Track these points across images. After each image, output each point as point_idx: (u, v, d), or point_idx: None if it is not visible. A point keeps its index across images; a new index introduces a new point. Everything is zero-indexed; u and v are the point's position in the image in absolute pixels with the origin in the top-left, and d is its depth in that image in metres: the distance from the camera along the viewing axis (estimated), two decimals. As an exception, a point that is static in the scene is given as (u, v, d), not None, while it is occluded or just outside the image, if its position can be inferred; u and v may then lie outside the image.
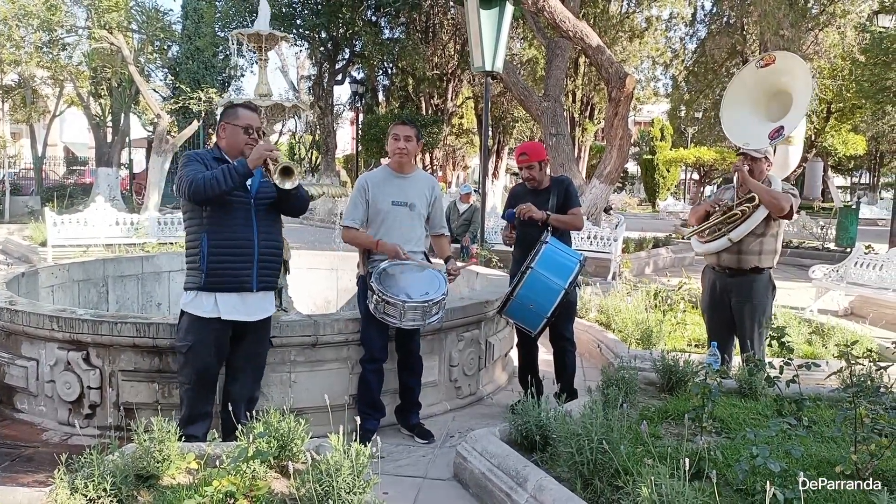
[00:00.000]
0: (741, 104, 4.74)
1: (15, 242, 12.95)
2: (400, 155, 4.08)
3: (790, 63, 4.64)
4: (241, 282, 3.45)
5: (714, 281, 4.54)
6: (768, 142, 4.42)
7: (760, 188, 4.24)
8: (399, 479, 3.53)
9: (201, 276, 3.43)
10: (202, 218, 3.46)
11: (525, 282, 3.99)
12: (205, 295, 3.44)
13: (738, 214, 4.28)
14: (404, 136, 4.06)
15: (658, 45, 22.78)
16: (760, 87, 4.68)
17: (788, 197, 4.22)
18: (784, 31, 14.75)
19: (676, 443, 3.21)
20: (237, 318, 3.47)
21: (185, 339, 3.50)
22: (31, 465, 3.63)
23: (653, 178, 33.03)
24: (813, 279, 8.66)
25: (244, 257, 3.45)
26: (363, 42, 21.79)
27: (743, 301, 4.37)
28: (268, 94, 5.11)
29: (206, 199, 3.34)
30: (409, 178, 4.16)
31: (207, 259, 3.42)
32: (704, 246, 4.46)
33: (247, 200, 3.47)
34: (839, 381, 4.02)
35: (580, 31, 10.06)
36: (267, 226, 3.55)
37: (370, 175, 4.20)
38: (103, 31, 16.29)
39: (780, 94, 4.61)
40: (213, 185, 3.27)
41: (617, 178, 11.21)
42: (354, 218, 4.07)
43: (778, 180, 4.41)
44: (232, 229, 3.43)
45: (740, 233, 4.26)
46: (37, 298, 5.42)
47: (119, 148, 24.43)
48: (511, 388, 5.18)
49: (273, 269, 3.60)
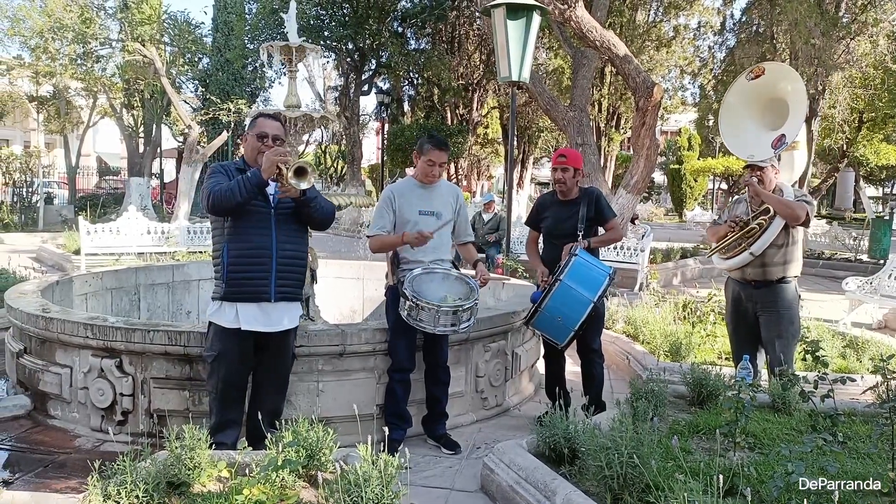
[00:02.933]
0: (738, 118, 4.76)
1: (49, 251, 13.20)
2: (431, 179, 4.11)
3: (780, 72, 4.70)
4: (259, 292, 3.45)
5: (738, 293, 4.49)
6: (772, 151, 4.42)
7: (772, 198, 4.21)
8: (426, 490, 3.52)
9: (223, 286, 3.47)
10: (224, 228, 3.50)
11: (553, 294, 3.96)
12: (227, 305, 3.48)
13: (755, 228, 4.25)
14: (439, 164, 4.08)
15: (686, 53, 22.61)
16: (755, 99, 4.70)
17: (802, 204, 4.18)
18: (815, 40, 14.57)
19: (708, 458, 3.16)
20: (257, 328, 3.47)
21: (211, 350, 3.55)
22: (63, 472, 3.69)
23: (680, 188, 32.68)
24: (846, 291, 8.49)
25: (262, 267, 3.44)
26: (389, 53, 21.93)
27: (770, 313, 4.31)
28: (297, 105, 5.17)
29: (226, 211, 3.38)
30: (434, 188, 4.17)
31: (227, 269, 3.46)
32: (727, 262, 4.43)
33: (266, 210, 3.48)
34: (874, 396, 3.94)
35: (607, 40, 10.02)
36: (287, 235, 3.53)
37: (395, 186, 4.22)
38: (136, 43, 16.62)
39: (775, 103, 4.63)
40: (228, 197, 3.31)
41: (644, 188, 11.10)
42: (382, 226, 4.07)
43: (789, 188, 4.39)
44: (250, 239, 3.44)
45: (761, 245, 4.23)
46: (70, 306, 5.52)
47: (150, 158, 24.84)
48: (538, 400, 5.14)
49: (293, 279, 3.56)
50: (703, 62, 22.90)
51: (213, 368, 3.57)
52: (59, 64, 18.34)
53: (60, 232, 15.07)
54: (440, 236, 4.14)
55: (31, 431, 4.28)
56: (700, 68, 22.90)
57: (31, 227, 19.00)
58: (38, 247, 14.16)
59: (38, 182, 21.08)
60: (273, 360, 3.64)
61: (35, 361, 4.48)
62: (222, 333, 3.50)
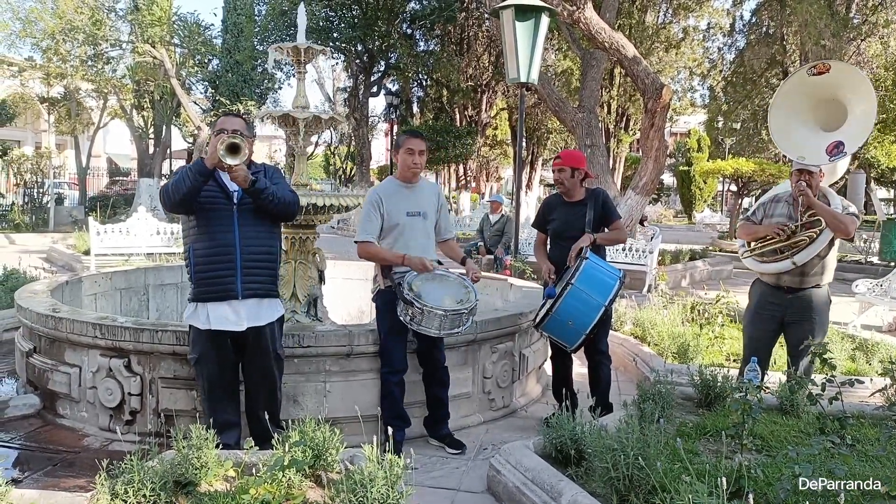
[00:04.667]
0: (791, 113, 4.49)
1: (59, 251, 13.30)
2: (414, 170, 4.08)
3: (850, 77, 4.40)
4: (226, 290, 3.42)
5: (766, 296, 4.39)
6: (827, 158, 4.22)
7: (828, 212, 4.09)
8: (432, 491, 3.52)
9: (193, 287, 3.48)
10: (189, 228, 3.51)
11: (565, 298, 3.94)
12: (200, 306, 3.47)
13: (805, 240, 4.13)
14: (418, 151, 4.04)
15: (695, 55, 22.54)
16: (812, 95, 4.43)
17: (853, 219, 4.10)
18: (825, 41, 14.49)
19: (715, 460, 3.15)
20: (226, 328, 3.44)
21: (193, 352, 3.56)
22: (72, 470, 3.71)
23: (689, 190, 32.58)
24: (856, 294, 8.43)
25: (226, 265, 3.41)
26: (398, 54, 21.99)
27: (803, 320, 4.24)
28: (306, 106, 5.19)
29: (180, 204, 3.36)
30: (417, 187, 4.15)
31: (195, 269, 3.46)
32: (764, 266, 4.30)
33: (228, 207, 3.45)
34: (883, 398, 3.91)
35: (616, 42, 10.02)
36: (252, 231, 3.48)
37: (381, 188, 4.17)
38: (146, 45, 16.72)
39: (832, 103, 4.38)
40: (178, 187, 3.31)
41: (653, 190, 11.09)
42: (371, 232, 4.00)
43: (835, 195, 4.26)
44: (213, 237, 3.42)
45: (805, 256, 4.12)
46: (80, 306, 5.56)
47: (160, 159, 24.95)
48: (545, 401, 5.14)
49: (261, 274, 3.50)
50: (713, 63, 22.84)
51: (197, 371, 3.59)
52: (70, 65, 18.47)
53: (71, 232, 15.16)
54: (428, 237, 4.14)
55: (40, 430, 4.31)
56: (709, 70, 22.84)
57: (41, 227, 19.12)
58: (48, 247, 14.26)
59: (48, 183, 21.22)
60: (253, 358, 3.57)
61: (44, 361, 4.51)
62: (198, 335, 3.50)
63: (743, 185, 18.91)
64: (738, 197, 20.23)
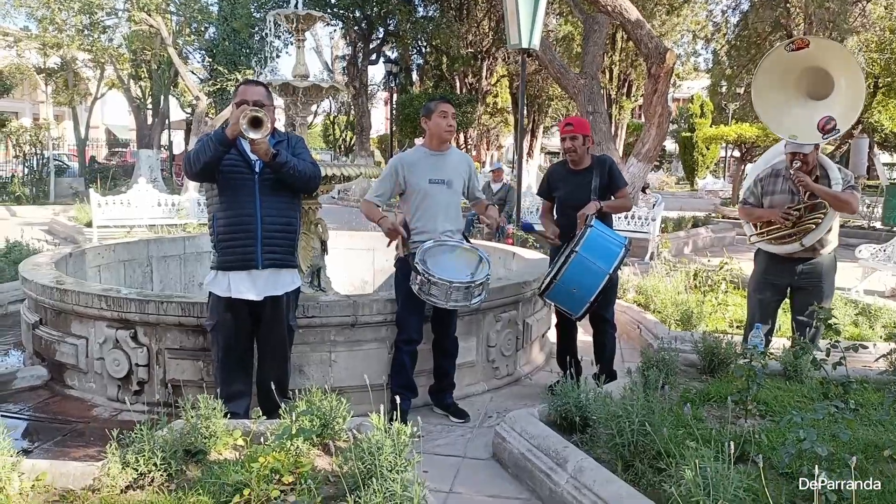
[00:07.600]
0: (776, 89, 4.34)
1: (61, 223, 13.28)
2: (449, 131, 4.07)
3: (830, 50, 4.31)
4: (247, 259, 3.45)
5: (772, 264, 4.39)
6: (820, 136, 4.15)
7: (830, 195, 4.08)
8: (438, 458, 3.56)
9: (216, 255, 3.52)
10: (212, 197, 3.53)
11: (570, 265, 3.93)
12: (221, 274, 3.51)
13: (811, 227, 4.14)
14: (452, 114, 4.05)
15: (698, 18, 22.19)
16: (793, 70, 4.27)
17: (855, 195, 4.12)
18: (829, 4, 14.28)
19: (719, 426, 3.18)
20: (247, 296, 3.47)
21: (210, 319, 3.61)
22: (81, 440, 3.75)
23: (692, 156, 32.38)
24: (859, 259, 8.43)
25: (247, 234, 3.43)
26: (397, 21, 21.68)
27: (811, 285, 4.28)
28: (305, 75, 5.13)
29: (201, 173, 3.39)
30: (445, 155, 4.13)
31: (218, 238, 3.50)
32: (774, 248, 4.32)
33: (251, 177, 3.45)
34: (887, 363, 3.94)
35: (618, 4, 9.86)
36: (273, 202, 3.48)
37: (404, 155, 4.19)
38: (142, 13, 16.49)
39: (817, 72, 4.23)
40: (197, 158, 3.32)
41: (655, 157, 11.02)
42: (380, 194, 4.08)
43: (833, 166, 4.22)
44: (235, 208, 3.44)
45: (813, 238, 4.15)
46: (84, 278, 5.57)
47: (159, 130, 24.83)
48: (549, 369, 5.17)
49: (281, 245, 3.53)
50: (717, 27, 22.46)
51: (213, 337, 3.63)
52: (66, 35, 18.24)
53: (72, 204, 15.13)
54: (451, 205, 4.11)
55: (48, 401, 4.35)
56: (713, 33, 22.47)
57: (42, 199, 19.08)
58: (49, 219, 14.25)
59: (48, 154, 21.12)
60: (268, 328, 3.61)
61: (51, 332, 4.53)
62: (218, 302, 3.54)
63: (746, 150, 18.80)
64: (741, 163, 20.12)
